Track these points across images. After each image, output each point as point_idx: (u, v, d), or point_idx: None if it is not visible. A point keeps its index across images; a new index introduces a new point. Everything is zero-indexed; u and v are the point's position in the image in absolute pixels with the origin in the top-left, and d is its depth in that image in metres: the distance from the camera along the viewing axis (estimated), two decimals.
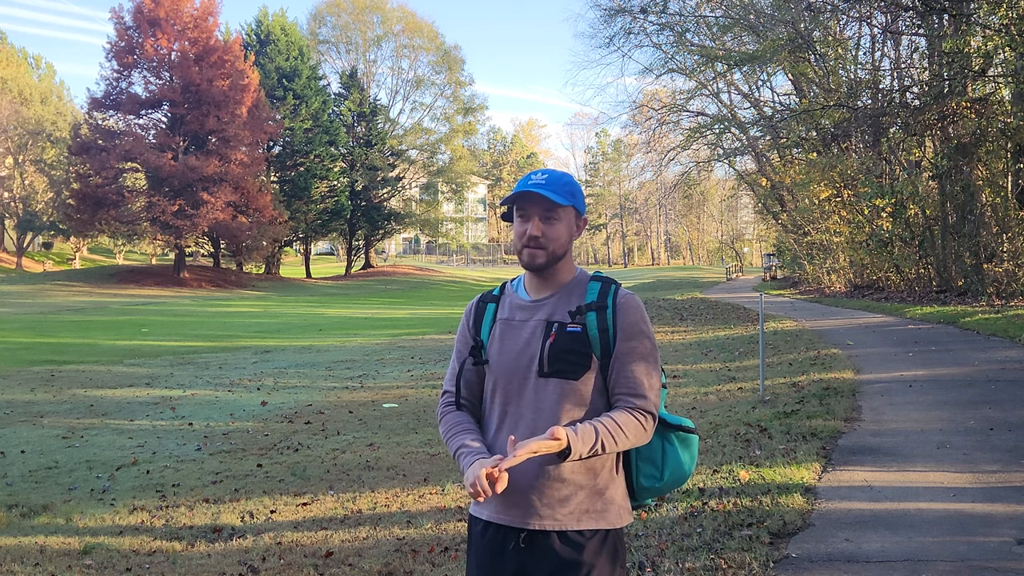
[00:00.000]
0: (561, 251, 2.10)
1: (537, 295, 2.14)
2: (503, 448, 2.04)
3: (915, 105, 20.86)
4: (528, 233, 2.07)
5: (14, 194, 53.46)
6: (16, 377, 13.75)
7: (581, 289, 2.12)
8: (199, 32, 45.08)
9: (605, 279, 2.14)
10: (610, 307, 2.08)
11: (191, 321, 26.61)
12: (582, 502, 2.02)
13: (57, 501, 6.57)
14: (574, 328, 2.05)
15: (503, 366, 2.10)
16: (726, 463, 5.92)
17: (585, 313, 2.06)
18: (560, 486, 2.01)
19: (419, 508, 5.67)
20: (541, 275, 2.13)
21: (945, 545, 4.13)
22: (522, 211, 2.10)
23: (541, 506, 2.02)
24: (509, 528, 2.05)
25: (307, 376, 13.95)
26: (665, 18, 32.45)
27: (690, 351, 14.49)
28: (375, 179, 60.14)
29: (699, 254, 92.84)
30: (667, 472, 2.14)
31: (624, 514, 2.09)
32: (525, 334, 2.09)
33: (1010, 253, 18.66)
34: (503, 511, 2.06)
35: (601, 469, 2.05)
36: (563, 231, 2.09)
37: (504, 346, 2.11)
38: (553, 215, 2.08)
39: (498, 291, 2.25)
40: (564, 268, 2.14)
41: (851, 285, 26.84)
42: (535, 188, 2.06)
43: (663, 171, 43.54)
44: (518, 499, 2.04)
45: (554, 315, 2.09)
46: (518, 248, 2.11)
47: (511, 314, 2.15)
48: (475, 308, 2.24)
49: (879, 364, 10.53)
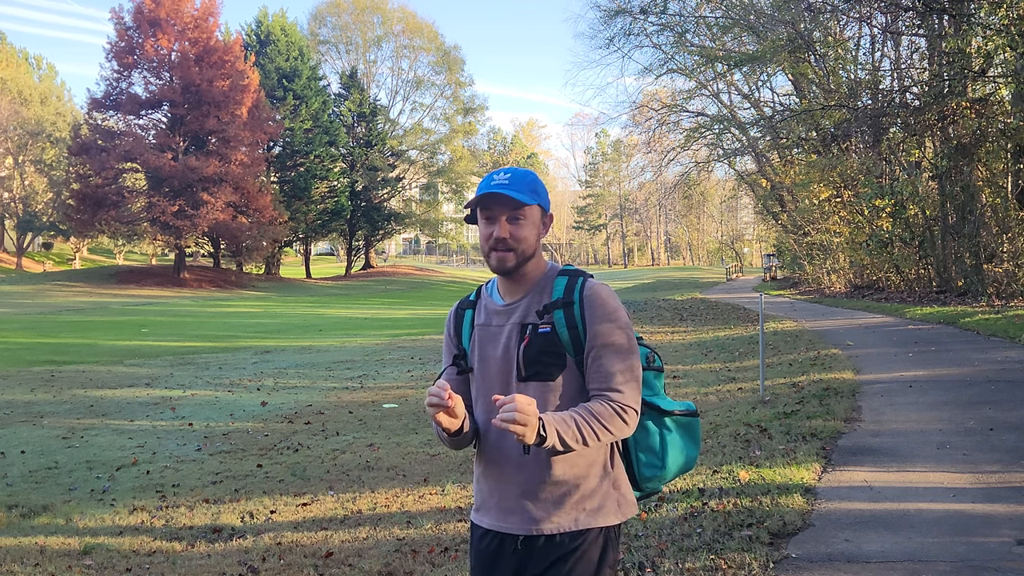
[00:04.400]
0: (530, 251, 2.04)
1: (510, 298, 2.10)
2: (490, 462, 2.06)
3: (915, 105, 20.87)
4: (495, 236, 2.01)
5: (14, 194, 53.49)
6: (16, 377, 13.75)
7: (549, 286, 2.07)
8: (199, 32, 45.11)
9: (572, 272, 2.08)
10: (577, 302, 2.02)
11: (191, 321, 26.61)
12: (577, 502, 2.00)
13: (57, 501, 6.57)
14: (544, 328, 2.01)
15: (485, 373, 2.08)
16: (726, 463, 5.92)
17: (552, 311, 2.02)
18: (554, 488, 2.00)
19: (419, 508, 5.67)
20: (511, 277, 2.08)
21: (945, 545, 4.13)
22: (487, 213, 2.03)
23: (537, 510, 2.01)
24: (507, 535, 2.05)
25: (307, 376, 13.95)
26: (665, 19, 32.50)
27: (690, 351, 14.49)
28: (375, 179, 60.18)
29: (699, 254, 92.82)
30: (668, 459, 2.12)
31: (625, 508, 2.07)
32: (503, 339, 2.06)
33: (1010, 253, 18.66)
34: (502, 519, 2.05)
35: (593, 467, 2.02)
36: (531, 231, 2.04)
37: (484, 353, 2.09)
38: (519, 215, 2.02)
39: (474, 296, 2.20)
40: (534, 267, 2.09)
41: (851, 285, 26.84)
42: (499, 189, 2.00)
43: (663, 171, 43.52)
44: (514, 506, 2.03)
45: (527, 317, 2.04)
46: (485, 251, 2.05)
47: (487, 319, 2.11)
48: (454, 316, 2.20)
49: (879, 364, 10.53)
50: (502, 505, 2.04)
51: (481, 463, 2.11)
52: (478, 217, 2.07)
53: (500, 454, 2.04)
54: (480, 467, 2.12)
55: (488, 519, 2.08)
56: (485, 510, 2.09)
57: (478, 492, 2.14)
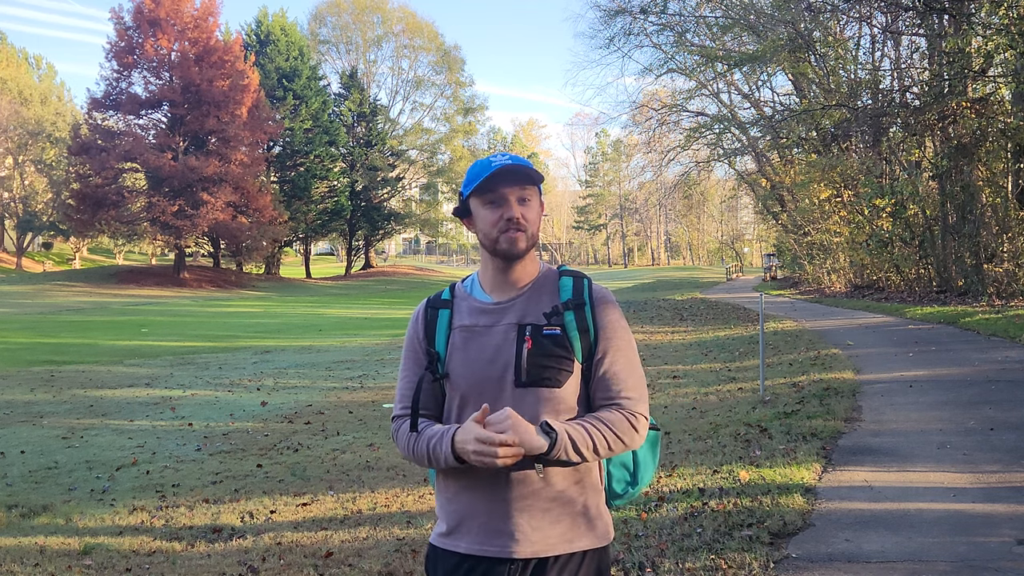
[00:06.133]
0: (536, 237, 1.90)
1: (501, 295, 1.91)
2: (474, 476, 1.83)
3: (915, 105, 20.86)
4: (505, 216, 1.85)
5: (14, 194, 53.50)
6: (16, 377, 13.75)
7: (552, 286, 1.91)
8: (199, 32, 45.12)
9: (575, 273, 1.94)
10: (588, 304, 1.88)
11: (191, 321, 26.61)
12: (574, 521, 1.84)
13: (57, 501, 6.57)
14: (552, 330, 1.84)
15: (471, 378, 1.86)
16: (726, 463, 5.92)
17: (563, 313, 1.86)
18: (549, 506, 1.81)
19: (419, 508, 5.67)
20: (512, 267, 1.90)
21: (945, 545, 4.13)
22: (492, 196, 1.86)
23: (531, 530, 1.80)
24: (495, 560, 1.81)
25: (307, 376, 13.95)
26: (665, 18, 32.51)
27: (690, 351, 14.49)
28: (375, 179, 60.19)
29: (699, 254, 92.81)
30: (639, 476, 1.98)
31: (610, 528, 1.92)
32: (494, 340, 1.86)
33: (1010, 253, 18.66)
34: (486, 542, 1.82)
35: (588, 482, 1.87)
36: (537, 212, 1.89)
37: (469, 356, 1.87)
38: (528, 196, 1.87)
39: (448, 294, 2.00)
40: (530, 262, 1.92)
41: (851, 285, 26.83)
42: (508, 164, 1.84)
43: (663, 171, 43.51)
44: (503, 526, 1.81)
45: (525, 317, 1.87)
46: (493, 237, 1.86)
47: (472, 319, 1.91)
48: (423, 316, 1.98)
49: (879, 364, 10.53)
50: (488, 526, 1.82)
51: (460, 479, 1.86)
52: (478, 206, 1.90)
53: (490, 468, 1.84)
54: (457, 484, 1.87)
55: (465, 543, 1.85)
56: (461, 533, 1.86)
57: (451, 513, 1.89)
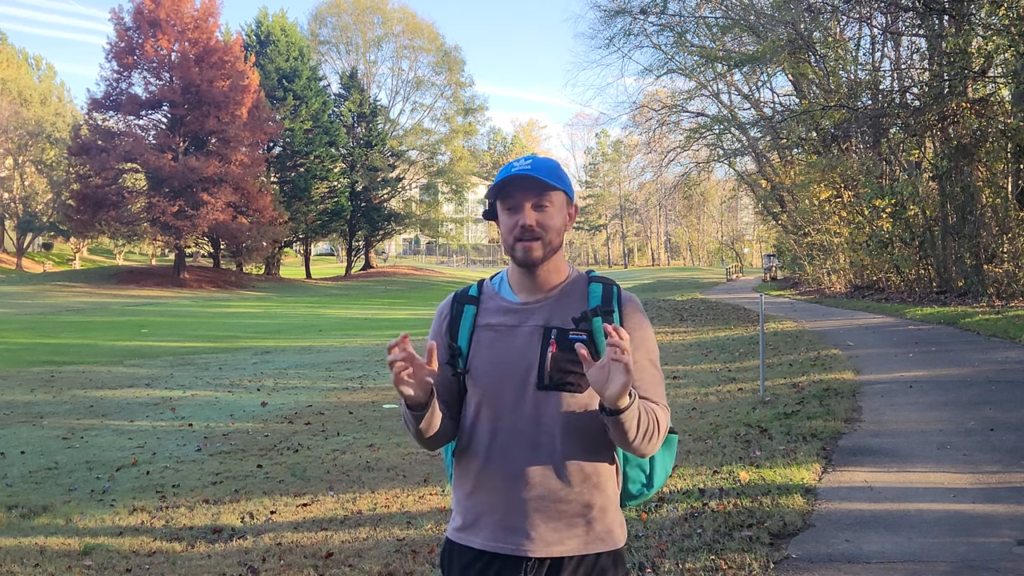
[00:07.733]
0: (557, 242, 1.88)
1: (528, 296, 1.91)
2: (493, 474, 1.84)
3: (915, 106, 20.87)
4: (520, 224, 1.84)
5: (14, 195, 53.49)
6: (16, 377, 13.75)
7: (581, 291, 1.90)
8: (199, 33, 45.11)
9: (605, 280, 1.93)
10: (616, 311, 1.87)
11: (191, 322, 26.61)
12: (589, 523, 1.83)
13: (57, 502, 6.57)
14: (578, 335, 1.83)
15: (492, 377, 1.86)
16: (726, 464, 5.92)
17: (591, 319, 1.84)
18: (566, 507, 1.81)
19: (419, 509, 5.67)
20: (535, 272, 1.89)
21: (945, 546, 4.13)
22: (509, 202, 1.86)
23: (547, 530, 1.80)
24: (510, 558, 1.82)
25: (307, 377, 13.95)
26: (665, 19, 32.55)
27: (690, 352, 14.49)
28: (375, 180, 60.18)
29: (699, 255, 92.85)
30: (655, 478, 1.97)
31: (624, 530, 1.92)
32: (518, 342, 1.86)
33: (1010, 254, 18.67)
34: (501, 539, 1.82)
35: (608, 482, 1.88)
36: (557, 219, 1.87)
37: (493, 355, 1.87)
38: (545, 201, 1.85)
39: (475, 290, 1.99)
40: (558, 265, 1.91)
41: (851, 286, 26.84)
42: (523, 172, 1.83)
43: (663, 172, 43.60)
44: (517, 523, 1.81)
45: (552, 320, 1.86)
46: (510, 244, 1.87)
47: (498, 318, 1.90)
48: (450, 309, 1.98)
49: (879, 365, 10.53)
50: (504, 523, 1.82)
51: (478, 475, 1.87)
52: (499, 210, 1.90)
53: (509, 463, 1.83)
54: (474, 480, 1.88)
55: (481, 538, 1.84)
56: (477, 528, 1.86)
57: (468, 508, 1.89)
